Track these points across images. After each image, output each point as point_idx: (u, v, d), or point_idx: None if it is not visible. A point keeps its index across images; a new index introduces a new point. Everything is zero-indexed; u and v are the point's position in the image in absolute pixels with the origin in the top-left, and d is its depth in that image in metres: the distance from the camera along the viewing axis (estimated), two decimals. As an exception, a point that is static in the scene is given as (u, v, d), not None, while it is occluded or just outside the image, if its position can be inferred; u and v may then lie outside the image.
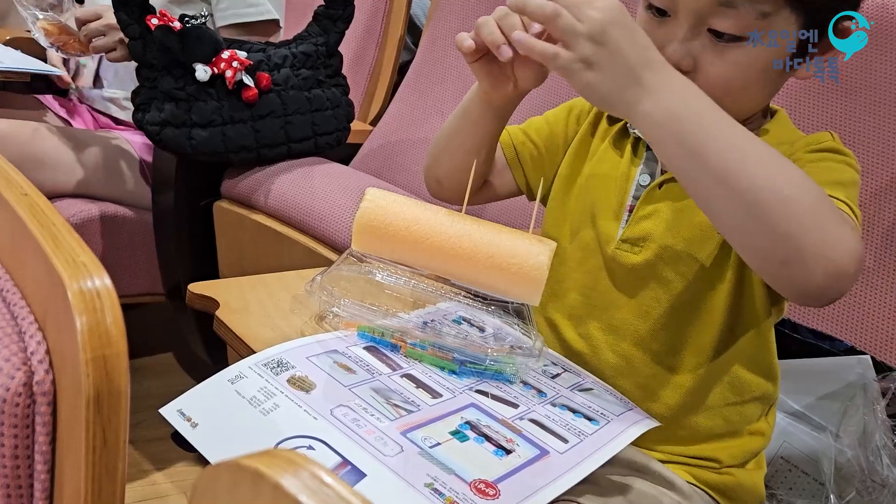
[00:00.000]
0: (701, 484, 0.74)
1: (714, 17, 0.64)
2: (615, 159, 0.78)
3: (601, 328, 0.76)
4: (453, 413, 0.60)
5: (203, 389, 0.58)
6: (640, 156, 0.76)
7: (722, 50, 0.65)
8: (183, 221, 1.36)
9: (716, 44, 0.65)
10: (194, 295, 0.74)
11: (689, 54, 0.66)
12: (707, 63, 0.66)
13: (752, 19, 0.63)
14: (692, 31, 0.65)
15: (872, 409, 0.83)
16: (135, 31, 1.22)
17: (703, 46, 0.65)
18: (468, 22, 1.56)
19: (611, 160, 0.78)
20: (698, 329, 0.72)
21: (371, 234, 0.66)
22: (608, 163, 0.78)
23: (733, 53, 0.65)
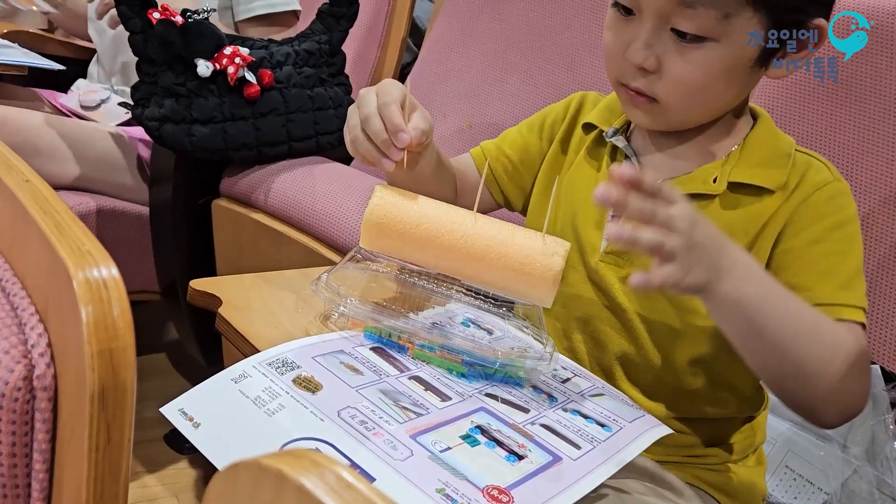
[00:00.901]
0: (701, 483, 0.73)
1: (676, 18, 0.64)
2: (593, 168, 0.78)
3: (584, 340, 0.76)
4: (463, 417, 0.58)
5: (205, 388, 0.56)
6: (620, 163, 0.76)
7: (685, 50, 0.65)
8: (180, 219, 1.34)
9: (679, 44, 0.65)
10: (196, 292, 0.72)
11: (652, 54, 0.66)
12: (670, 63, 0.66)
13: (714, 20, 0.63)
14: (655, 31, 0.65)
15: (882, 420, 0.82)
16: (135, 25, 1.20)
17: (667, 47, 0.65)
18: (471, 24, 1.55)
19: (588, 169, 0.78)
20: (683, 344, 0.72)
21: (380, 231, 0.65)
22: (586, 172, 0.78)
23: (696, 54, 0.65)
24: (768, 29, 0.64)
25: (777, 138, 0.74)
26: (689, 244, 0.55)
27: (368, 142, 0.66)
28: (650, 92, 0.68)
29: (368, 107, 0.65)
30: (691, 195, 0.71)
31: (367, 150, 0.66)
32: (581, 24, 1.38)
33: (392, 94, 0.65)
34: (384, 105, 0.65)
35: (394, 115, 0.64)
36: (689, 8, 0.63)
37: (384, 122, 0.64)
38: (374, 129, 0.65)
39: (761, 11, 0.63)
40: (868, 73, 1.03)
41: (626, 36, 0.67)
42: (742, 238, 0.70)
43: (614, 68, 0.70)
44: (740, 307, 0.59)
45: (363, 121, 0.65)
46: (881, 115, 1.02)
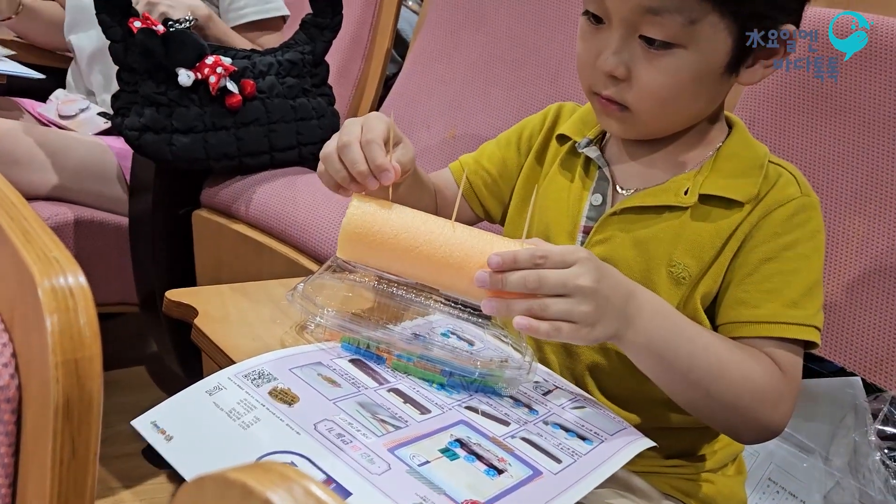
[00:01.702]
0: (679, 493, 0.74)
1: (643, 25, 0.64)
2: (566, 179, 0.79)
3: (555, 350, 0.76)
4: (442, 430, 0.57)
5: (179, 401, 0.55)
6: (592, 176, 0.76)
7: (654, 57, 0.65)
8: (160, 229, 1.32)
9: (648, 51, 0.65)
10: (172, 302, 0.71)
11: (622, 62, 0.66)
12: (640, 70, 0.66)
13: (680, 26, 0.63)
14: (624, 39, 0.66)
15: (864, 432, 0.82)
16: (116, 34, 1.19)
17: (636, 54, 0.66)
18: (455, 36, 1.55)
19: (561, 181, 0.79)
20: None
21: (358, 242, 0.64)
22: (559, 183, 0.79)
23: (665, 61, 0.65)
24: (736, 35, 0.65)
25: (751, 148, 0.73)
26: (597, 303, 0.58)
27: (340, 163, 0.65)
28: (621, 100, 0.68)
29: (350, 135, 0.65)
30: (663, 206, 0.71)
31: (337, 169, 0.65)
32: (564, 37, 1.39)
33: (376, 131, 0.65)
34: (367, 142, 0.64)
35: (377, 156, 0.64)
36: (655, 15, 0.63)
37: (367, 159, 0.64)
38: (352, 157, 0.64)
39: (728, 17, 0.63)
40: (846, 86, 1.04)
41: (596, 45, 0.68)
42: (709, 250, 0.70)
43: (586, 77, 0.70)
44: (649, 349, 0.63)
45: (341, 147, 0.65)
46: (859, 127, 1.03)
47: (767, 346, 0.67)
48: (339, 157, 0.65)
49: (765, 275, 0.69)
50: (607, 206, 0.74)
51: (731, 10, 0.63)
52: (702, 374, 0.64)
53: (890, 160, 1.00)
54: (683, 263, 0.70)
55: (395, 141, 0.67)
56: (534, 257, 0.58)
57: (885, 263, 0.98)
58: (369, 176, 0.64)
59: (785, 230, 0.69)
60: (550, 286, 0.57)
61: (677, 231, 0.71)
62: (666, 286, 0.71)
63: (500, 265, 0.58)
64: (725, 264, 0.70)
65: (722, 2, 0.62)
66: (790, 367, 0.67)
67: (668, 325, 0.63)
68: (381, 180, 0.64)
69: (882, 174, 1.00)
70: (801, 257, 0.69)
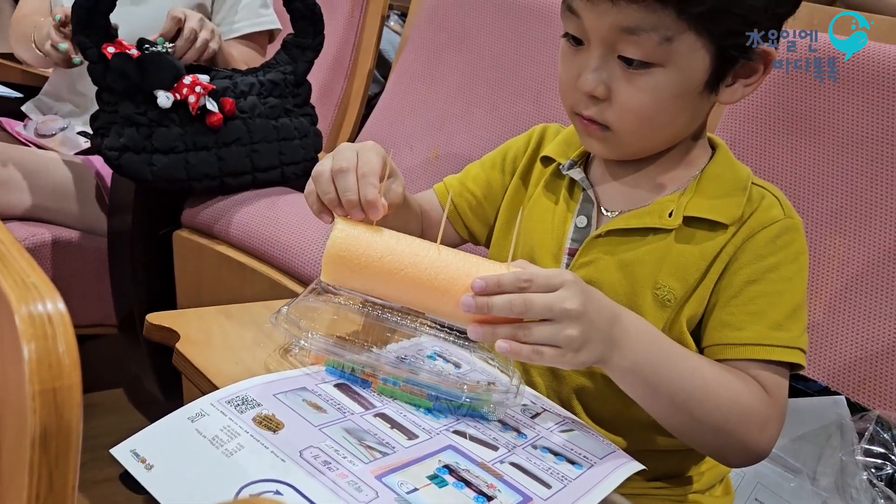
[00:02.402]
0: None
1: (621, 45, 0.64)
2: (550, 202, 0.78)
3: (542, 373, 0.76)
4: (430, 456, 0.56)
5: (159, 428, 0.54)
6: (576, 198, 0.76)
7: (633, 77, 0.65)
8: (139, 250, 1.31)
9: (627, 71, 0.65)
10: (152, 326, 0.70)
11: (601, 82, 0.66)
12: (619, 90, 0.66)
13: (656, 44, 0.63)
14: (603, 59, 0.66)
15: (850, 451, 0.82)
16: (94, 55, 1.18)
17: (615, 74, 0.66)
18: (437, 57, 1.55)
19: (546, 203, 0.79)
20: None
21: (342, 265, 0.63)
22: (544, 205, 0.79)
23: (644, 80, 0.65)
24: (714, 53, 0.65)
25: (734, 170, 0.74)
26: (583, 327, 0.58)
27: (332, 186, 0.64)
28: (602, 119, 0.68)
29: (347, 162, 0.64)
30: (647, 229, 0.71)
31: (327, 191, 0.64)
32: (545, 58, 1.40)
33: (373, 164, 0.64)
34: (363, 175, 0.64)
35: (369, 192, 0.63)
36: (631, 34, 0.63)
37: (359, 191, 0.63)
38: (345, 185, 0.63)
39: (704, 35, 0.64)
40: (825, 107, 1.05)
41: (576, 65, 0.68)
42: (693, 272, 0.70)
43: (568, 98, 0.71)
44: (634, 372, 0.62)
45: (336, 171, 0.64)
46: (838, 148, 1.04)
47: (753, 369, 0.67)
48: (332, 180, 0.64)
49: (749, 297, 0.69)
50: (592, 228, 0.74)
51: (706, 28, 0.63)
52: (688, 397, 0.63)
53: (868, 180, 1.01)
54: (668, 286, 0.70)
55: (389, 174, 0.67)
56: (518, 281, 0.57)
57: (864, 282, 0.99)
58: (357, 207, 0.63)
59: (768, 252, 0.69)
60: (536, 311, 0.57)
61: (662, 253, 0.71)
62: (651, 309, 0.71)
63: (483, 289, 0.57)
64: (710, 286, 0.70)
65: (697, 20, 0.62)
66: (776, 390, 0.67)
67: (654, 349, 0.63)
68: (368, 214, 0.63)
69: (860, 194, 1.01)
70: (784, 279, 0.69)
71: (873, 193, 1.00)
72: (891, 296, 0.97)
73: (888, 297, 0.97)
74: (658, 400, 0.64)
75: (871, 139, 1.01)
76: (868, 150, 1.01)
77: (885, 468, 0.79)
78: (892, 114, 1.00)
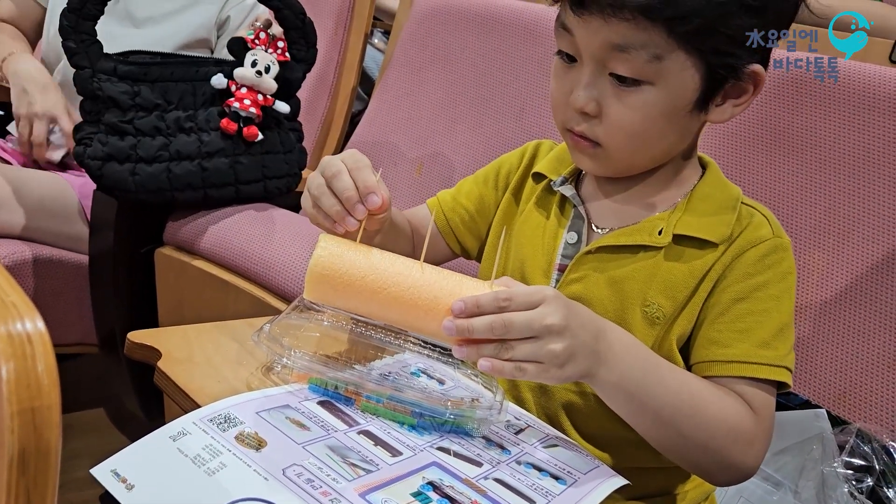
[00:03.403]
0: None
1: (612, 62, 0.65)
2: (541, 217, 0.79)
3: (531, 388, 0.76)
4: (414, 472, 0.56)
5: (141, 447, 0.53)
6: (567, 215, 0.77)
7: (623, 94, 0.66)
8: (121, 267, 1.29)
9: (617, 88, 0.66)
10: (134, 344, 0.69)
11: (592, 99, 0.67)
12: (610, 107, 0.67)
13: (646, 62, 0.64)
14: (595, 76, 0.67)
15: (832, 464, 0.83)
16: (83, 61, 1.18)
17: (606, 91, 0.67)
18: (420, 74, 1.56)
19: (537, 219, 0.79)
20: None
21: (325, 283, 0.62)
22: (535, 221, 0.79)
23: (634, 97, 0.66)
24: (703, 72, 0.66)
25: (724, 189, 0.74)
26: (567, 342, 0.57)
27: (334, 197, 0.64)
28: (593, 136, 0.69)
29: (336, 167, 0.65)
30: (637, 246, 0.72)
31: (331, 204, 0.64)
32: (529, 75, 1.41)
33: (363, 160, 0.65)
34: (356, 169, 0.64)
35: (367, 178, 0.64)
36: (622, 52, 0.64)
37: (355, 181, 0.64)
38: (342, 185, 0.63)
39: (693, 54, 0.64)
40: (805, 124, 1.07)
41: (568, 82, 0.69)
42: (683, 290, 0.70)
43: (560, 114, 0.71)
44: (620, 388, 0.62)
45: (330, 178, 0.64)
46: (818, 165, 1.05)
47: (739, 386, 0.67)
48: (331, 192, 0.64)
49: (737, 314, 0.69)
50: (582, 245, 0.75)
51: (695, 46, 0.64)
52: (674, 413, 0.63)
53: (848, 196, 1.02)
54: (657, 303, 0.70)
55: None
56: (497, 300, 0.57)
57: (844, 297, 1.00)
58: (357, 203, 0.63)
59: (757, 271, 0.70)
60: (518, 330, 0.57)
61: (651, 271, 0.71)
62: (640, 326, 0.71)
63: (462, 311, 0.58)
64: (699, 304, 0.71)
65: (686, 39, 0.63)
66: (762, 408, 0.67)
67: (640, 363, 0.63)
68: (366, 203, 0.63)
69: (840, 210, 1.03)
70: (772, 298, 0.69)
71: (853, 209, 1.02)
72: (870, 310, 0.98)
73: (868, 311, 0.98)
74: (644, 415, 0.64)
75: (850, 156, 1.03)
76: (847, 167, 1.03)
77: (865, 480, 0.79)
78: (871, 130, 1.01)
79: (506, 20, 1.45)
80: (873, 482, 0.79)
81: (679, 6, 0.62)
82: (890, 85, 0.99)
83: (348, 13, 1.76)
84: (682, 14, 0.62)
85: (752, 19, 0.64)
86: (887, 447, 0.82)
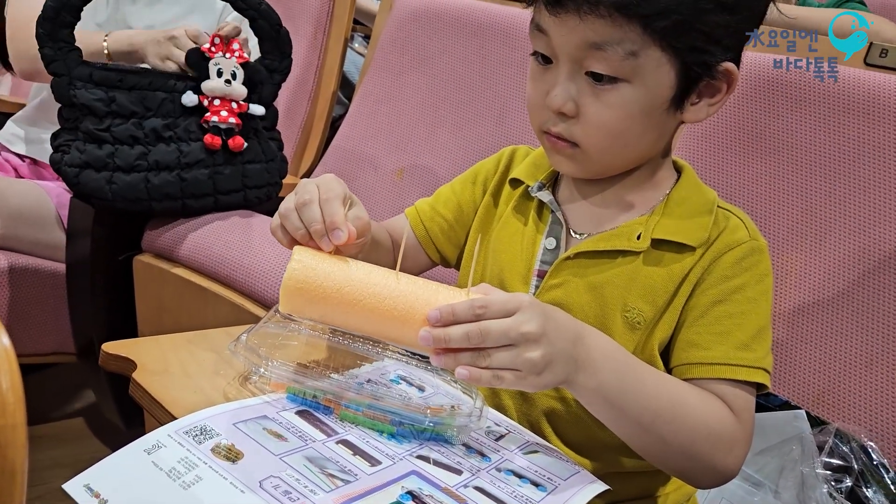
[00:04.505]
0: None
1: (588, 60, 0.65)
2: (519, 223, 0.79)
3: (512, 395, 0.76)
4: (393, 482, 0.55)
5: (114, 461, 0.52)
6: (545, 220, 0.77)
7: (601, 93, 0.66)
8: (99, 276, 1.28)
9: (594, 87, 0.66)
10: (108, 355, 0.68)
11: (570, 99, 0.67)
12: (587, 106, 0.67)
13: (621, 59, 0.64)
14: (572, 76, 0.67)
15: (811, 464, 0.83)
16: (60, 68, 1.17)
17: (584, 90, 0.67)
18: (400, 78, 1.56)
19: (515, 224, 0.79)
20: None
21: (300, 296, 0.61)
22: (513, 227, 0.79)
23: (611, 95, 0.66)
24: (679, 70, 0.66)
25: (700, 193, 0.75)
26: (544, 349, 0.57)
27: (300, 222, 0.64)
28: (570, 136, 0.69)
29: (309, 195, 0.64)
30: (616, 251, 0.72)
31: (297, 227, 0.63)
32: (508, 78, 1.41)
33: (335, 191, 0.64)
34: (326, 200, 0.63)
35: (335, 212, 0.63)
36: (598, 50, 0.64)
37: (323, 215, 0.63)
38: (310, 216, 0.63)
39: (668, 51, 0.65)
40: (779, 127, 1.08)
41: (545, 84, 0.69)
42: (663, 295, 0.71)
43: (537, 116, 0.71)
44: (600, 393, 0.62)
45: (300, 206, 0.64)
46: (794, 167, 1.06)
47: (719, 388, 0.68)
48: (298, 216, 0.64)
49: (715, 317, 0.69)
50: (561, 250, 0.75)
51: (671, 43, 0.64)
52: (655, 418, 0.63)
53: (823, 198, 1.03)
54: (637, 308, 0.70)
55: (351, 203, 0.66)
56: (473, 308, 0.57)
57: (821, 298, 1.01)
58: (324, 236, 0.63)
59: (734, 273, 0.70)
60: (494, 338, 0.56)
61: (631, 276, 0.71)
62: (621, 331, 0.71)
63: (438, 320, 0.57)
64: (679, 308, 0.71)
65: (661, 35, 0.63)
66: (742, 411, 0.67)
67: (620, 367, 0.63)
68: (332, 238, 0.62)
69: (816, 211, 1.04)
70: (749, 300, 0.70)
71: (829, 211, 1.03)
72: (847, 311, 0.99)
73: (845, 312, 0.99)
74: (625, 420, 0.64)
75: (825, 158, 1.04)
76: (823, 169, 1.04)
77: (844, 481, 0.80)
78: (846, 132, 1.02)
79: (484, 23, 1.46)
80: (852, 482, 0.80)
81: (655, 3, 0.62)
82: (864, 87, 1.00)
83: (328, 18, 1.76)
84: (658, 10, 0.62)
85: (727, 16, 0.64)
86: (865, 447, 0.82)
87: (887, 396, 0.93)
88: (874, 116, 1.00)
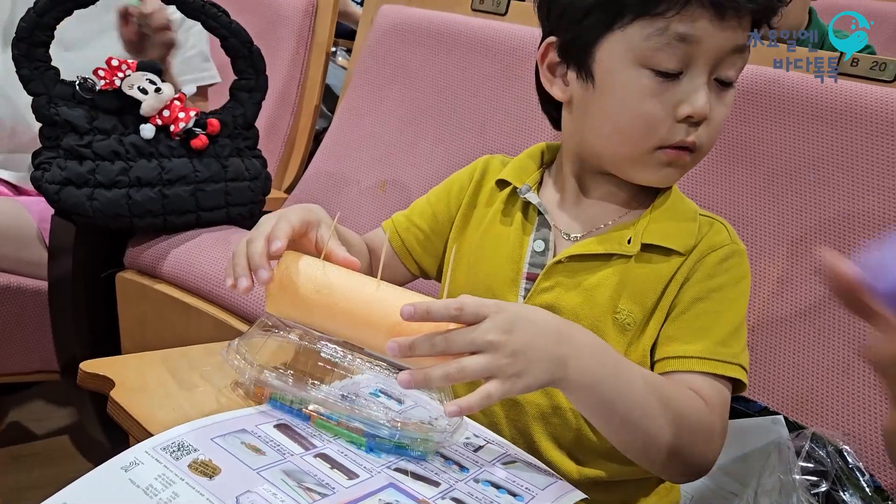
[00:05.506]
0: None
1: (725, 64, 0.68)
2: (504, 228, 0.79)
3: (501, 401, 0.75)
4: (370, 495, 0.56)
5: (91, 479, 0.53)
6: (532, 221, 0.77)
7: (722, 94, 0.70)
8: (81, 293, 1.28)
9: (718, 90, 0.70)
10: (86, 374, 0.68)
11: (708, 103, 0.69)
12: (715, 109, 0.70)
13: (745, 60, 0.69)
14: (709, 81, 0.69)
15: (788, 470, 0.84)
16: (38, 88, 1.17)
17: (713, 93, 0.69)
18: (382, 91, 1.57)
19: (499, 229, 0.79)
20: None
21: (283, 296, 0.64)
22: (498, 231, 0.79)
23: (728, 95, 0.71)
24: None
25: (683, 202, 0.78)
26: (515, 355, 0.57)
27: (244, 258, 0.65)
28: (698, 141, 0.70)
29: (259, 228, 0.66)
30: (608, 255, 0.73)
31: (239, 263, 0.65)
32: (490, 91, 1.42)
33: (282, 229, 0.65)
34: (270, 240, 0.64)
35: (255, 254, 0.64)
36: (739, 53, 0.68)
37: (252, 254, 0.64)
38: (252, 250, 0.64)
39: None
40: (755, 136, 1.09)
41: (673, 97, 0.68)
42: (651, 296, 0.72)
43: (657, 133, 0.69)
44: (592, 389, 0.62)
45: (249, 240, 0.65)
46: (771, 176, 1.08)
47: (696, 382, 0.69)
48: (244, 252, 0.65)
49: (695, 314, 0.71)
50: (550, 253, 0.75)
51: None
52: (642, 415, 0.64)
53: (799, 207, 1.05)
54: (627, 310, 0.72)
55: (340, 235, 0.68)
56: (448, 308, 0.57)
57: (799, 306, 1.02)
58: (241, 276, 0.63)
59: (716, 273, 0.72)
60: (458, 347, 0.56)
61: (621, 278, 0.73)
62: (612, 333, 0.72)
63: (412, 315, 0.57)
64: (666, 308, 0.72)
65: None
66: (718, 405, 0.68)
67: (609, 364, 0.63)
68: (256, 278, 0.63)
69: (792, 221, 1.05)
70: (727, 300, 0.72)
71: (805, 219, 1.04)
72: (825, 318, 1.00)
73: (823, 319, 1.00)
74: (613, 417, 0.64)
75: (800, 167, 1.05)
76: (800, 178, 1.05)
77: (820, 485, 0.81)
78: (822, 142, 1.04)
79: (464, 37, 1.47)
80: (828, 486, 0.81)
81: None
82: (836, 96, 1.02)
83: (309, 31, 1.77)
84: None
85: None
86: (841, 451, 0.83)
87: (862, 401, 0.94)
88: (847, 125, 1.02)
